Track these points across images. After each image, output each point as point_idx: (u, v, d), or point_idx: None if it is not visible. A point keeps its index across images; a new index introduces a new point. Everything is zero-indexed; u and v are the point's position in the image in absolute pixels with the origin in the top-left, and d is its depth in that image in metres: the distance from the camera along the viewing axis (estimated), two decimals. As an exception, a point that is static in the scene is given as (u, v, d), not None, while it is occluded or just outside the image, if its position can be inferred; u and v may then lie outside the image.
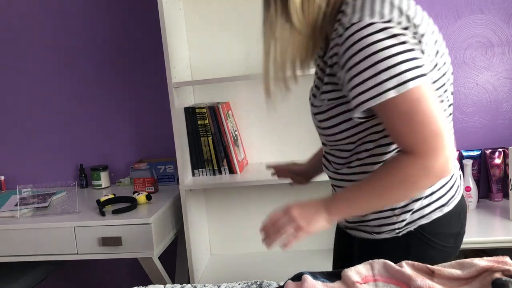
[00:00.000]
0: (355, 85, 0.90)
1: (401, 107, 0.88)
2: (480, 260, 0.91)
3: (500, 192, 2.00)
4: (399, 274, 0.91)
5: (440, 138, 0.88)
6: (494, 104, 2.03)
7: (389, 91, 0.87)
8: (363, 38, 0.88)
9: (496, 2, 1.96)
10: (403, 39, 0.89)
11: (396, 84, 0.87)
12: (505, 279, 0.84)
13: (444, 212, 1.04)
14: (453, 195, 1.06)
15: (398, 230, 1.04)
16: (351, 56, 0.90)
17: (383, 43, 0.88)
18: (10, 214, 1.93)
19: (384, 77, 0.87)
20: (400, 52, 0.88)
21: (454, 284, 0.89)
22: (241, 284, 1.12)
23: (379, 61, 0.87)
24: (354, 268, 0.96)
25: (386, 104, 0.88)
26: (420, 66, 0.89)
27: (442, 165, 0.89)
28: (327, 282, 0.95)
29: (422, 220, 1.03)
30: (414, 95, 0.87)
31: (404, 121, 0.88)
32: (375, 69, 0.88)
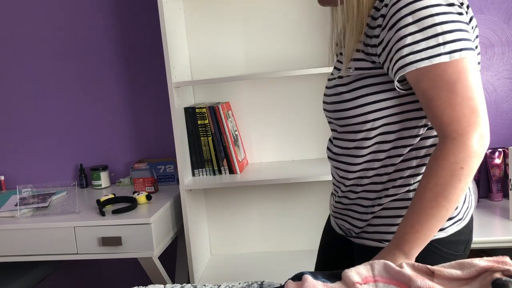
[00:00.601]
0: (406, 44, 0.86)
1: (448, 76, 0.84)
2: (480, 260, 0.91)
3: (500, 192, 2.00)
4: (399, 274, 0.91)
5: (477, 115, 0.84)
6: (494, 104, 2.03)
7: (442, 55, 0.84)
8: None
9: (496, 2, 1.96)
10: (459, 10, 0.88)
11: (450, 50, 0.84)
12: (505, 279, 0.84)
13: (461, 226, 1.01)
14: (468, 207, 1.03)
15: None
16: (405, 15, 0.86)
17: (440, 8, 0.85)
18: (10, 214, 1.93)
19: (440, 41, 0.84)
20: (456, 21, 0.85)
21: (454, 284, 0.89)
22: (241, 283, 1.12)
23: (436, 24, 0.84)
24: (354, 268, 0.96)
25: (434, 69, 0.84)
26: (471, 39, 0.87)
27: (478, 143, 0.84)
28: (328, 282, 0.95)
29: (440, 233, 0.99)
30: (464, 65, 0.84)
31: (448, 91, 0.84)
32: (431, 31, 0.84)
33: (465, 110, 0.84)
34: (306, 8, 2.03)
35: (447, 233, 1.00)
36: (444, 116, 0.85)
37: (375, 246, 1.04)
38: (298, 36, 2.06)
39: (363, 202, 1.04)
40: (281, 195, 2.18)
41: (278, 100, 2.11)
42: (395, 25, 0.88)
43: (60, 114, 2.34)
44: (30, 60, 2.32)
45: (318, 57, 2.06)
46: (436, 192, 0.86)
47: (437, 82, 0.85)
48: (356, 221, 1.07)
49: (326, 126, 2.11)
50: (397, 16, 0.87)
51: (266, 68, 2.09)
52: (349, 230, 1.10)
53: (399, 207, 1.00)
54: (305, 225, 2.19)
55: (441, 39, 0.84)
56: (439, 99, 0.85)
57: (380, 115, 0.95)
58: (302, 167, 1.99)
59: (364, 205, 1.04)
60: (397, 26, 0.87)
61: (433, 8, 0.85)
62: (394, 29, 0.88)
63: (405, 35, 0.86)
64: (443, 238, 1.00)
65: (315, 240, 2.19)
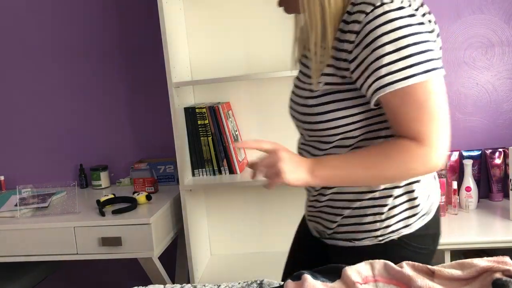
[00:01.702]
0: (384, 64, 0.87)
1: (418, 95, 0.87)
2: (480, 260, 0.91)
3: (500, 192, 2.00)
4: (400, 274, 0.91)
5: (445, 134, 0.89)
6: (494, 104, 2.03)
7: (416, 76, 0.86)
8: (395, 19, 0.86)
9: (496, 2, 1.96)
10: (427, 29, 0.90)
11: (423, 70, 0.86)
12: (505, 279, 0.83)
13: (427, 221, 1.04)
14: (432, 202, 1.06)
15: (382, 238, 1.03)
16: (381, 34, 0.87)
17: (413, 28, 0.87)
18: (10, 214, 1.93)
19: (414, 61, 0.86)
20: (427, 41, 0.88)
21: (455, 284, 0.89)
22: (241, 283, 1.11)
23: (410, 44, 0.86)
24: (355, 267, 0.96)
25: (407, 88, 0.87)
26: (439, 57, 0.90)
27: (438, 158, 0.89)
28: (327, 282, 0.95)
29: (405, 230, 1.02)
30: (434, 85, 0.87)
31: (418, 109, 0.88)
32: (406, 52, 0.86)
33: (432, 127, 0.88)
34: (306, 8, 2.03)
35: (412, 229, 1.03)
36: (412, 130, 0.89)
37: (347, 246, 1.07)
38: (298, 36, 2.06)
39: (333, 203, 1.06)
40: (281, 195, 2.18)
41: (278, 100, 2.11)
42: (371, 44, 0.88)
43: (60, 114, 2.34)
44: (30, 60, 2.32)
45: (318, 57, 2.06)
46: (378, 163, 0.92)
47: (408, 101, 0.88)
48: (328, 222, 1.09)
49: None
50: (372, 35, 0.88)
51: (267, 68, 2.09)
52: (323, 232, 1.12)
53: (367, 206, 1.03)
54: (305, 225, 2.19)
55: (416, 60, 0.86)
56: (408, 116, 0.89)
57: (349, 128, 0.98)
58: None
59: (334, 206, 1.06)
60: (373, 45, 0.88)
61: (406, 28, 0.87)
62: (370, 48, 0.89)
63: (382, 55, 0.87)
64: (410, 234, 1.03)
65: (315, 240, 2.19)
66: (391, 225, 1.01)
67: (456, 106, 2.05)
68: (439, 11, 1.99)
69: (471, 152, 2.01)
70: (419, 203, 1.01)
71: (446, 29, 2.00)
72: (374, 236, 1.03)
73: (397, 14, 0.87)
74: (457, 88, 2.04)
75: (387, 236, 1.02)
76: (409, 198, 1.01)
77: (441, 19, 2.00)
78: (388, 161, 0.91)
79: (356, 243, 1.05)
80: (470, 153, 2.01)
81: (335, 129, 0.99)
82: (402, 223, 1.02)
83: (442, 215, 1.86)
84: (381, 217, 1.01)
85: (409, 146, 0.89)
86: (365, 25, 0.89)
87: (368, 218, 1.02)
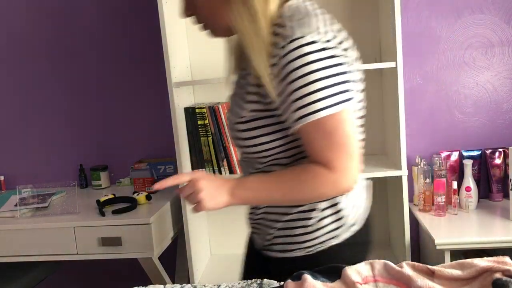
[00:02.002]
0: (293, 100, 0.92)
1: (328, 126, 0.92)
2: (480, 260, 0.91)
3: (500, 192, 2.00)
4: (400, 274, 0.91)
5: (353, 159, 0.94)
6: (494, 104, 2.03)
7: (324, 109, 0.91)
8: (306, 54, 0.90)
9: (496, 2, 1.96)
10: (341, 61, 0.94)
11: (331, 104, 0.91)
12: (505, 279, 0.83)
13: (354, 231, 1.08)
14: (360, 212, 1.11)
15: (311, 249, 1.07)
16: (291, 71, 0.91)
17: (324, 62, 0.91)
18: (10, 214, 1.93)
19: (322, 95, 0.91)
20: (338, 74, 0.92)
21: (455, 284, 0.89)
22: (241, 283, 1.11)
23: (318, 79, 0.90)
24: (355, 267, 0.96)
25: (317, 121, 0.92)
26: (351, 89, 0.95)
27: (348, 182, 0.96)
28: (327, 282, 0.95)
29: (333, 240, 1.06)
30: (342, 116, 0.92)
31: (327, 139, 0.93)
32: (313, 87, 0.90)
33: (341, 155, 0.94)
34: (306, 8, 2.03)
35: (340, 239, 1.07)
36: (323, 157, 0.94)
37: (282, 257, 1.11)
38: (298, 36, 2.05)
39: (267, 216, 1.11)
40: (281, 195, 2.18)
41: (278, 100, 2.11)
42: (284, 78, 0.93)
43: (60, 114, 2.34)
44: (30, 60, 2.32)
45: (318, 57, 2.06)
46: (292, 188, 0.98)
47: (318, 131, 0.94)
48: (264, 235, 1.13)
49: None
50: (285, 70, 0.92)
51: (266, 68, 2.09)
52: (261, 243, 1.16)
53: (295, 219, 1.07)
54: (305, 225, 2.19)
55: (324, 94, 0.90)
56: (319, 144, 0.94)
57: (279, 150, 1.02)
58: (302, 167, 1.99)
59: (268, 219, 1.11)
60: (286, 80, 0.92)
61: (317, 63, 0.90)
62: (284, 82, 0.93)
63: (293, 90, 0.92)
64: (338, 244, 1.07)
65: (315, 240, 2.19)
66: (319, 237, 1.06)
67: (456, 106, 2.05)
68: (439, 11, 2.00)
69: (471, 152, 2.01)
70: (344, 215, 1.06)
71: (446, 29, 2.00)
72: (303, 247, 1.07)
73: (308, 49, 0.90)
74: (457, 88, 2.04)
75: (316, 247, 1.07)
76: (335, 211, 1.06)
77: (441, 19, 2.00)
78: (302, 187, 0.97)
79: (288, 254, 1.10)
80: (470, 153, 2.01)
81: (265, 152, 1.03)
82: (329, 234, 1.06)
83: (442, 215, 1.86)
84: (308, 230, 1.06)
85: (321, 172, 0.95)
86: (280, 59, 0.93)
87: (297, 231, 1.07)
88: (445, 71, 2.03)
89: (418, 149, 2.08)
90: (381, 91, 2.05)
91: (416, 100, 2.06)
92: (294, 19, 0.94)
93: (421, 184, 1.91)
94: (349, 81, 0.95)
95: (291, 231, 1.08)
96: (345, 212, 1.06)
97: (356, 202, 1.09)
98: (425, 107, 2.06)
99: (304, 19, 0.94)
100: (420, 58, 2.04)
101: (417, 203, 1.98)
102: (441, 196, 1.85)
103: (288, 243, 1.09)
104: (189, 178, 1.00)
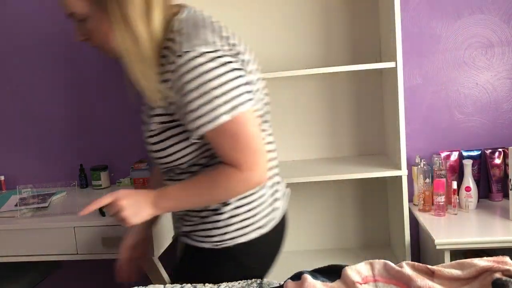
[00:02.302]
0: (191, 110, 0.98)
1: (230, 130, 0.99)
2: (480, 260, 0.91)
3: (500, 192, 2.00)
4: (399, 274, 0.91)
5: (259, 156, 1.02)
6: (494, 104, 2.03)
7: (222, 116, 0.97)
8: (196, 67, 0.95)
9: (496, 2, 1.96)
10: (233, 66, 0.99)
11: (228, 109, 0.97)
12: (505, 279, 0.84)
13: (260, 234, 1.14)
14: (272, 218, 1.17)
15: (218, 243, 1.14)
16: (185, 83, 0.96)
17: (215, 71, 0.96)
18: (10, 214, 1.93)
19: (217, 103, 0.96)
20: (231, 79, 0.97)
21: (454, 284, 0.89)
22: (241, 283, 1.12)
23: (212, 88, 0.96)
24: (355, 267, 0.96)
25: (218, 126, 0.98)
26: (248, 91, 1.01)
27: (259, 177, 1.04)
28: (327, 282, 0.95)
29: (240, 238, 1.13)
30: (242, 119, 0.99)
31: (232, 141, 1.00)
32: (209, 96, 0.96)
33: (249, 152, 1.01)
34: (307, 9, 2.03)
35: (247, 239, 1.14)
36: (231, 158, 1.02)
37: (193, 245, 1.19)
38: (299, 36, 2.06)
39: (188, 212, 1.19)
40: (281, 195, 2.18)
41: (278, 100, 2.11)
42: (180, 92, 0.98)
43: (60, 114, 2.34)
44: (30, 60, 2.32)
45: (318, 57, 2.06)
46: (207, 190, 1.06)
47: (221, 136, 1.00)
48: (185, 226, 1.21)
49: (326, 126, 2.11)
50: (179, 83, 0.98)
51: (267, 68, 2.09)
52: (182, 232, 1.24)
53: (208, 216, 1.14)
54: (305, 225, 2.19)
55: (220, 101, 0.96)
56: (225, 147, 1.02)
57: (192, 156, 1.09)
58: (302, 167, 1.99)
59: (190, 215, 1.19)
60: (182, 92, 0.98)
61: (207, 74, 0.96)
62: (180, 94, 0.99)
63: (189, 101, 0.98)
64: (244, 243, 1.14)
65: (314, 240, 2.19)
66: (227, 233, 1.13)
67: (456, 106, 2.05)
68: (439, 11, 2.00)
69: (471, 152, 2.02)
70: (251, 216, 1.13)
71: (446, 29, 2.00)
72: (213, 241, 1.15)
73: (198, 61, 0.96)
74: (457, 88, 2.04)
75: (223, 243, 1.14)
76: (245, 210, 1.13)
77: (441, 19, 2.00)
78: (216, 189, 1.05)
79: (200, 245, 1.17)
80: (470, 153, 2.01)
81: (180, 159, 1.09)
82: (237, 232, 1.13)
83: (442, 215, 1.86)
84: (219, 225, 1.13)
85: (231, 173, 1.03)
86: (172, 73, 0.98)
87: (209, 225, 1.15)
88: (445, 71, 2.03)
89: (418, 149, 2.08)
90: (381, 91, 2.05)
91: (416, 100, 2.06)
92: (183, 32, 0.99)
93: (421, 184, 1.91)
94: (245, 84, 1.00)
95: (204, 226, 1.15)
96: (255, 212, 1.13)
97: (269, 206, 1.16)
98: (425, 107, 2.07)
99: (192, 32, 0.99)
100: (420, 58, 2.04)
101: (417, 203, 1.98)
102: (441, 196, 1.85)
103: (201, 236, 1.16)
104: (111, 199, 1.10)
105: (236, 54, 1.05)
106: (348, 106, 2.08)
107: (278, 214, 1.20)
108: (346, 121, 2.09)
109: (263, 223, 1.15)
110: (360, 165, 1.92)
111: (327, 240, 2.18)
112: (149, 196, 1.09)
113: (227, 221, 1.13)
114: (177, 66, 0.97)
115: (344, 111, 2.09)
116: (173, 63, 0.98)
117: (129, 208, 1.07)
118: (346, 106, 2.08)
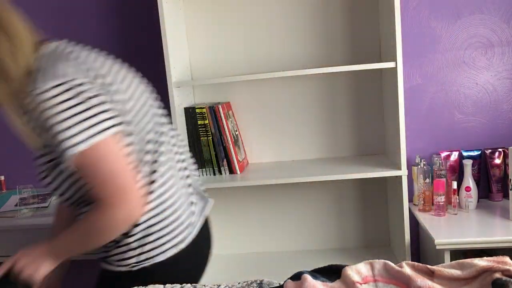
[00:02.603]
0: (56, 144, 0.97)
1: (89, 160, 0.96)
2: (480, 260, 0.91)
3: (500, 192, 2.00)
4: (399, 274, 0.91)
5: (124, 192, 0.98)
6: (494, 104, 2.03)
7: (79, 144, 0.95)
8: (47, 100, 0.95)
9: (496, 2, 1.96)
10: (89, 95, 0.97)
11: (85, 138, 0.95)
12: (505, 279, 0.84)
13: (179, 249, 1.13)
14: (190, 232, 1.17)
15: (134, 265, 1.13)
16: (44, 119, 0.97)
17: (68, 103, 0.95)
18: (10, 214, 1.93)
19: (71, 133, 0.94)
20: (85, 109, 0.96)
21: (454, 284, 0.89)
22: (241, 283, 1.12)
23: (65, 119, 0.95)
24: (355, 267, 0.96)
25: (77, 158, 0.96)
26: (111, 117, 0.98)
27: (125, 216, 1.00)
28: (327, 282, 0.95)
29: (159, 257, 1.12)
30: (100, 151, 0.96)
31: (92, 173, 0.98)
32: (62, 127, 0.95)
33: (113, 188, 0.97)
34: (307, 8, 2.03)
35: (165, 256, 1.13)
36: (97, 191, 0.99)
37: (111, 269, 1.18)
38: (299, 36, 2.06)
39: None
40: (281, 195, 2.18)
41: (278, 100, 2.11)
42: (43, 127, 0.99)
43: (60, 114, 2.34)
44: (30, 60, 2.32)
45: (318, 57, 2.06)
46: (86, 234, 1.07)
47: (83, 168, 0.98)
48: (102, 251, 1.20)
49: (326, 126, 2.11)
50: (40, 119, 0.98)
51: (267, 68, 2.09)
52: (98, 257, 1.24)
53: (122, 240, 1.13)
54: (304, 225, 2.19)
55: (74, 130, 0.95)
56: (90, 182, 1.00)
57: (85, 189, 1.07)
58: (302, 167, 1.99)
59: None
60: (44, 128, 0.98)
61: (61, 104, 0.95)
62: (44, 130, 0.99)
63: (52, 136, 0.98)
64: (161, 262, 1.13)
65: (314, 240, 2.19)
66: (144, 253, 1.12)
67: (456, 106, 2.05)
68: (439, 11, 2.00)
69: (471, 152, 2.02)
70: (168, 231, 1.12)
71: (446, 29, 2.00)
72: (129, 264, 1.13)
73: (48, 95, 0.95)
74: (457, 88, 2.04)
75: (141, 263, 1.13)
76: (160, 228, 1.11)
77: (441, 19, 2.00)
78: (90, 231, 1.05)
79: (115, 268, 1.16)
80: (470, 153, 2.01)
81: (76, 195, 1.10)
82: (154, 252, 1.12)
83: (442, 215, 1.87)
84: (133, 246, 1.12)
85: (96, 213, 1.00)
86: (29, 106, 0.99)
87: (123, 248, 1.13)
88: (445, 71, 2.03)
89: (418, 149, 2.08)
90: (381, 91, 2.05)
91: (416, 100, 2.07)
92: (41, 68, 0.99)
93: (421, 184, 1.91)
94: (104, 110, 0.98)
95: (119, 249, 1.14)
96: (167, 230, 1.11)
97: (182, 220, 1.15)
98: (425, 107, 2.07)
99: (48, 69, 0.98)
100: (420, 58, 2.04)
101: (417, 203, 1.98)
102: (441, 196, 1.85)
103: (117, 260, 1.15)
104: (10, 264, 1.14)
105: (100, 77, 1.03)
106: (348, 106, 2.08)
107: (195, 229, 1.20)
108: (346, 121, 2.10)
109: (180, 239, 1.14)
110: (360, 165, 1.92)
111: (327, 240, 2.18)
112: (44, 249, 1.11)
113: (141, 241, 1.11)
114: (31, 100, 0.98)
115: (344, 111, 2.09)
116: (30, 97, 0.98)
117: (28, 266, 1.11)
118: (346, 106, 2.08)
